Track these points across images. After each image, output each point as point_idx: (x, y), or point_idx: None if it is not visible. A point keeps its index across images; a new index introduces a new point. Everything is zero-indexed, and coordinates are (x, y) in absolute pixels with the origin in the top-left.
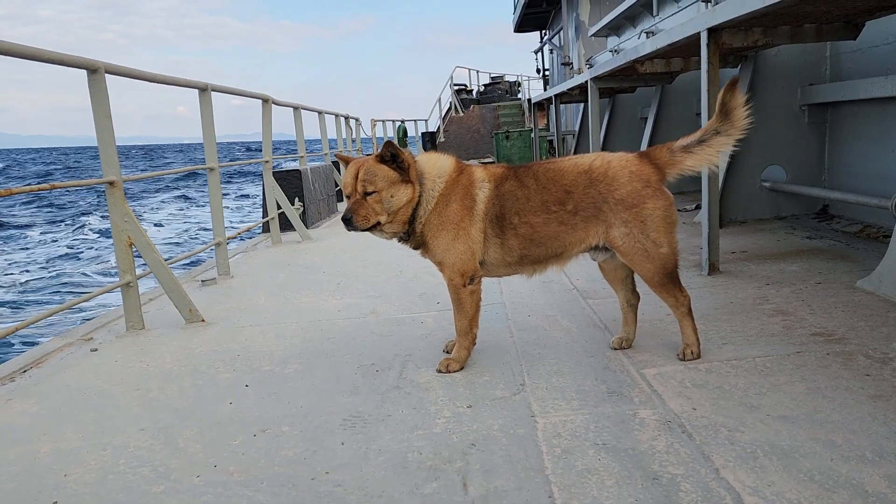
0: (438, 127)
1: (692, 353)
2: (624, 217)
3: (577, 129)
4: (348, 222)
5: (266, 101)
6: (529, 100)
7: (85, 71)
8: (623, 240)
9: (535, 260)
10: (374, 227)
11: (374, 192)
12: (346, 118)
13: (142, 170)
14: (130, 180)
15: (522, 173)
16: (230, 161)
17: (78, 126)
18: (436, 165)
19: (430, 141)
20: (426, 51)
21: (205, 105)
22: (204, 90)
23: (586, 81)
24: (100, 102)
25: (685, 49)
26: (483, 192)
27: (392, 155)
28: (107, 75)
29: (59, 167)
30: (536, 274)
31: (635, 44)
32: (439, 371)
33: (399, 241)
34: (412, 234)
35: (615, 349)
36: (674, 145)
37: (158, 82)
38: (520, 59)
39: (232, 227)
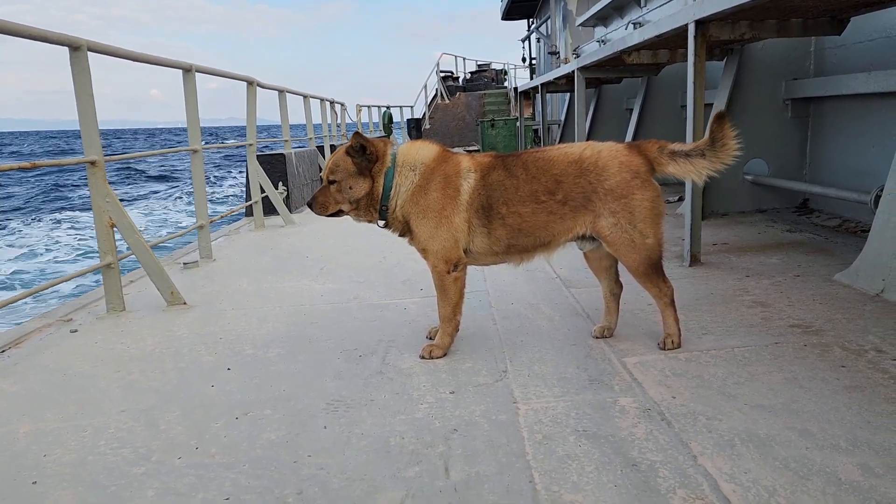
0: (424, 114)
1: (673, 342)
2: (612, 207)
3: (562, 118)
4: (310, 207)
5: (251, 83)
6: (515, 88)
7: (67, 48)
8: (611, 230)
9: (523, 249)
10: (338, 214)
11: (335, 181)
12: (332, 103)
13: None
14: (112, 160)
15: (511, 162)
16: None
17: (49, 109)
18: (415, 154)
19: (415, 127)
20: (409, 38)
21: (189, 86)
22: (188, 71)
23: (573, 71)
24: (82, 81)
25: (672, 41)
26: (468, 182)
27: (361, 147)
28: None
29: None
30: (524, 262)
31: (622, 34)
32: (422, 357)
33: (384, 228)
34: (389, 223)
35: (597, 338)
36: (666, 146)
37: (142, 61)
38: (507, 48)
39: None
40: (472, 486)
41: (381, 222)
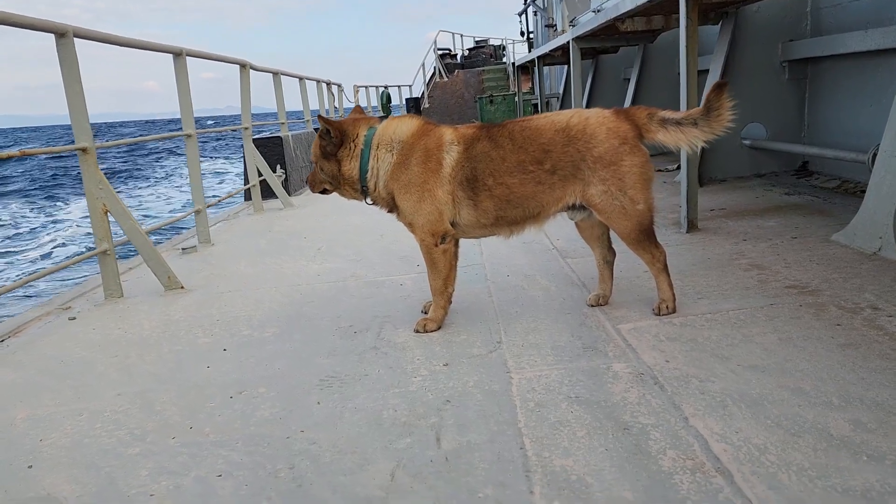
0: (423, 93)
1: (667, 307)
2: (602, 175)
3: (561, 91)
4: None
5: (244, 66)
6: (513, 63)
7: (53, 35)
8: (601, 198)
9: (512, 221)
10: (325, 191)
11: (315, 162)
12: (328, 84)
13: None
14: (104, 147)
15: (496, 133)
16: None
17: (42, 104)
18: (391, 134)
19: (414, 107)
20: (402, 18)
21: (180, 70)
22: (179, 55)
23: (568, 42)
24: (70, 68)
25: (666, 5)
26: (451, 155)
27: (327, 130)
28: (77, 40)
29: None
30: (514, 235)
31: (616, 2)
32: (417, 331)
33: (373, 205)
34: (375, 200)
35: (592, 306)
36: (656, 113)
37: (131, 47)
38: (504, 23)
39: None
40: (463, 454)
41: (369, 200)
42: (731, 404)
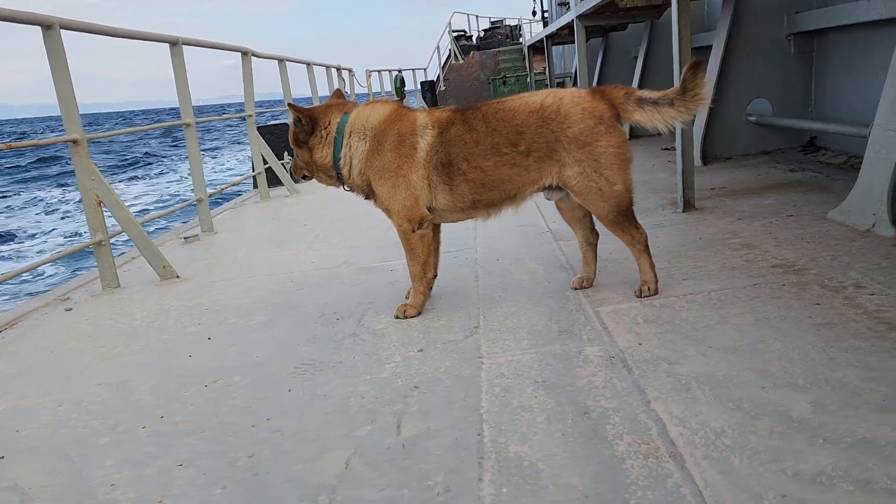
0: (438, 76)
1: (649, 289)
2: (577, 156)
3: (574, 70)
4: None
5: (245, 53)
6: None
7: (39, 28)
8: (577, 179)
9: (489, 204)
10: (306, 177)
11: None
12: (339, 69)
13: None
14: (94, 139)
15: (470, 116)
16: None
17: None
18: (363, 121)
19: (429, 90)
20: (418, 1)
21: (177, 60)
22: (175, 44)
23: (573, 20)
24: (57, 60)
25: None
26: (425, 139)
27: (298, 118)
28: (70, 32)
29: None
30: (491, 217)
31: None
32: (397, 317)
33: (350, 192)
34: (350, 187)
35: (576, 289)
36: (633, 93)
37: (122, 37)
38: (521, 2)
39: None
40: (421, 441)
41: (346, 186)
42: (695, 387)
